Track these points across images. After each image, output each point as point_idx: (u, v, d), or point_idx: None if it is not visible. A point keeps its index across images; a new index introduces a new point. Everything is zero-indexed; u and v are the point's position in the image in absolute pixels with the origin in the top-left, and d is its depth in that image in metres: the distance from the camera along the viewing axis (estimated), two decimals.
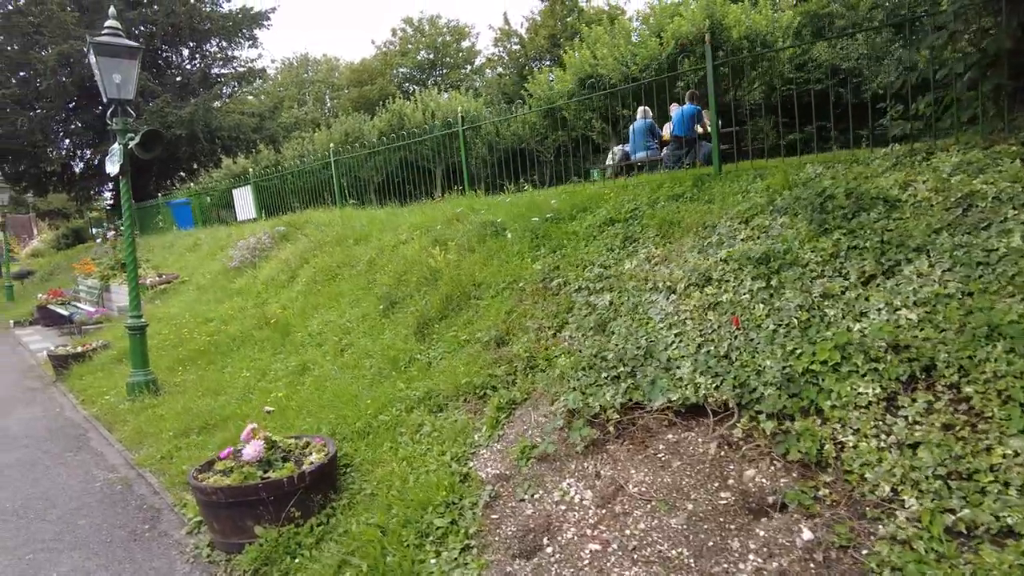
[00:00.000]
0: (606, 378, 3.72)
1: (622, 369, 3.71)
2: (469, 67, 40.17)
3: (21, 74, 20.37)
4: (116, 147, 6.70)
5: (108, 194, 28.59)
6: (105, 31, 6.55)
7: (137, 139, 6.43)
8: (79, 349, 8.78)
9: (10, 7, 19.28)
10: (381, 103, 27.43)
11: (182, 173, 26.55)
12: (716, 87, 5.94)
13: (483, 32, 64.55)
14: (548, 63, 32.07)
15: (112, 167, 6.82)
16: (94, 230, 31.21)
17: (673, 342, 3.71)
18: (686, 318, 3.81)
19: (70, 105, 21.64)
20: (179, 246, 15.10)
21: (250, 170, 14.95)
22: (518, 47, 33.46)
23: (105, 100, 6.61)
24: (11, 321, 16.03)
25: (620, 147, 11.55)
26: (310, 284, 8.04)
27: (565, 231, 5.70)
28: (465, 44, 40.42)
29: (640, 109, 11.24)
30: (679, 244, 4.68)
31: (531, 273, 5.35)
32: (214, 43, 25.71)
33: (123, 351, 8.55)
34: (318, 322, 6.93)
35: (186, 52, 25.44)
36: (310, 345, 6.50)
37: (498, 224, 6.42)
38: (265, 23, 25.41)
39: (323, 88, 44.04)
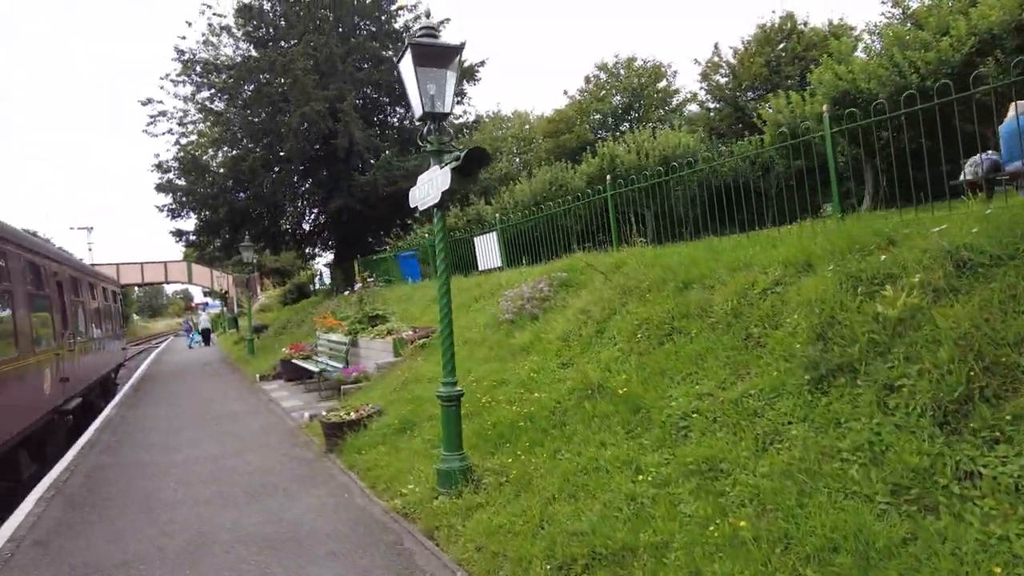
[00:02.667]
0: None
1: None
2: (666, 108, 38.32)
3: (264, 140, 21.77)
4: (431, 176, 5.43)
5: (327, 253, 30.07)
6: (420, 32, 5.37)
7: (461, 160, 5.08)
8: (352, 416, 7.68)
9: (262, 80, 20.68)
10: (589, 149, 26.29)
11: (396, 228, 27.10)
12: None
13: (680, 70, 62.46)
14: (762, 91, 29.33)
15: (422, 199, 5.55)
16: (314, 286, 33.11)
17: None
18: None
19: (302, 167, 22.77)
20: (418, 298, 14.37)
21: (496, 216, 13.99)
22: (727, 79, 31.06)
23: (418, 115, 5.39)
24: (256, 375, 16.25)
25: (986, 155, 8.74)
26: (635, 341, 6.22)
27: None
28: (660, 84, 38.76)
29: (1013, 105, 8.45)
30: None
31: None
32: None
33: (404, 420, 7.31)
34: (683, 393, 5.01)
35: (401, 110, 26.18)
36: (693, 430, 4.57)
37: (989, 250, 4.13)
38: (476, 77, 25.49)
39: (514, 143, 44.43)
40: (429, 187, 5.39)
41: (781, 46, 30.71)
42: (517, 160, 45.68)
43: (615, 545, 3.70)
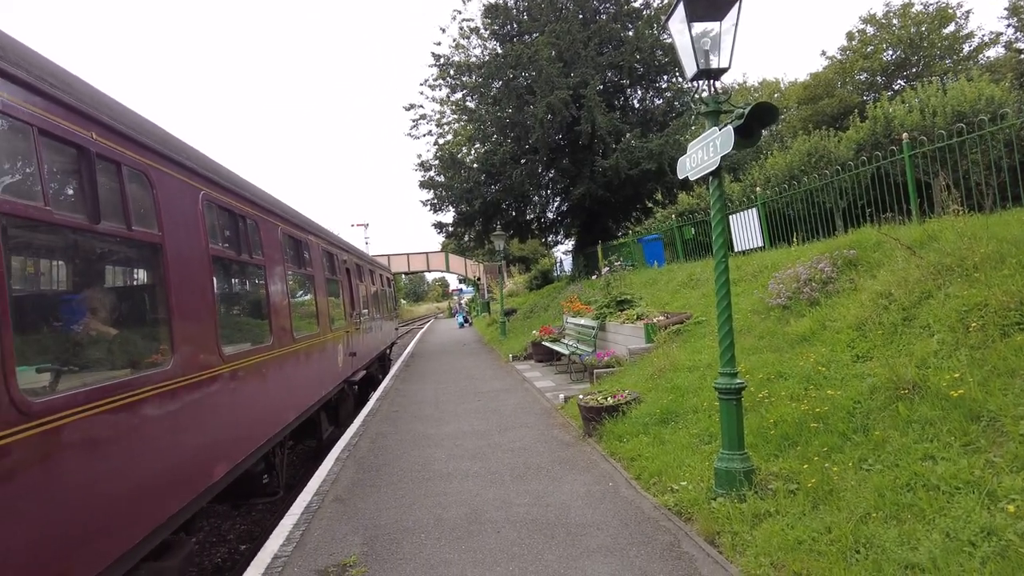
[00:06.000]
0: None
1: None
2: (955, 57, 32.21)
3: (512, 134, 22.68)
4: (706, 139, 4.89)
5: (568, 241, 30.64)
6: None
7: (745, 117, 4.46)
8: (610, 401, 7.44)
9: (509, 76, 21.56)
10: (857, 114, 23.09)
11: (636, 213, 26.59)
12: None
13: (975, 7, 51.53)
14: None
15: (695, 168, 5.04)
16: (555, 273, 34.07)
17: None
18: None
19: (546, 157, 23.36)
20: (665, 282, 13.78)
21: (757, 190, 12.86)
22: None
23: (691, 75, 4.86)
24: (509, 355, 17.01)
25: None
26: (963, 331, 5.02)
27: None
28: (948, 30, 32.67)
29: None
30: None
31: None
32: (664, 78, 25.17)
33: (665, 410, 6.86)
34: None
35: (640, 91, 25.53)
36: None
37: None
38: None
39: None
40: (704, 152, 4.84)
41: None
42: (766, 132, 42.14)
43: None
